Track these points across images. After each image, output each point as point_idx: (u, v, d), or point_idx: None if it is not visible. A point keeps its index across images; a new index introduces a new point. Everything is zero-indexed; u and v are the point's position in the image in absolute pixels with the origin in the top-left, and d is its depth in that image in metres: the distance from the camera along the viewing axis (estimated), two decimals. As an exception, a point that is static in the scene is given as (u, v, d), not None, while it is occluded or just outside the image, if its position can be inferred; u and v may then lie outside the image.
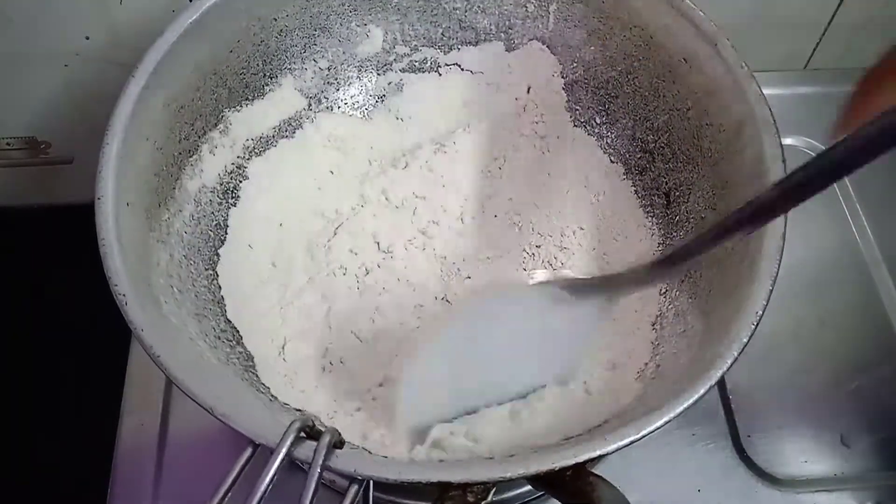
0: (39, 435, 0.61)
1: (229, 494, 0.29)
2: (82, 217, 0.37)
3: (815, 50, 0.64)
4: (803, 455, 0.49)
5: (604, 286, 0.42)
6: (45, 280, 0.65)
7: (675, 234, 0.47)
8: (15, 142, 0.61)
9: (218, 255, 0.45)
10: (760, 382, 0.51)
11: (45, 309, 0.65)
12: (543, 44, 0.52)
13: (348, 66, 0.52)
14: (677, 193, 0.47)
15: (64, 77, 0.56)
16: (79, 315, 0.62)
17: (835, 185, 0.60)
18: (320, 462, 0.29)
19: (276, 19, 0.48)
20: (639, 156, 0.50)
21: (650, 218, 0.49)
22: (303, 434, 0.30)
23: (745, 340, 0.34)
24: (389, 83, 0.53)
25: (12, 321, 0.64)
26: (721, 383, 0.51)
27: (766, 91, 0.42)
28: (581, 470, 0.32)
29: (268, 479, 0.28)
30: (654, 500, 0.46)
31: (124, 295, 0.34)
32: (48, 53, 0.55)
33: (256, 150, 0.49)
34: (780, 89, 0.63)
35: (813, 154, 0.61)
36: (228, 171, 0.47)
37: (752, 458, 0.48)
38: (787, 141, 0.61)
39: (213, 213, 0.46)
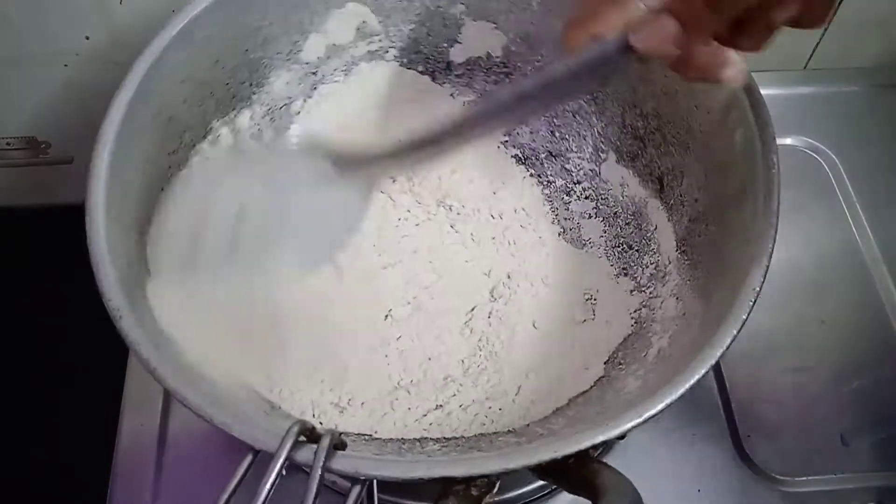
0: (40, 435, 0.61)
1: (231, 502, 0.29)
2: (82, 217, 0.37)
3: (815, 50, 0.64)
4: (803, 455, 0.49)
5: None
6: (44, 280, 0.65)
7: (671, 217, 0.47)
8: (15, 142, 0.61)
9: None
10: (760, 382, 0.51)
11: (45, 308, 0.65)
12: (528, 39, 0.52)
13: (335, 72, 0.52)
14: (670, 177, 0.47)
15: (64, 77, 0.56)
16: (79, 315, 0.62)
17: (834, 184, 0.60)
18: (321, 464, 0.29)
19: (259, 28, 0.47)
20: (630, 142, 0.50)
21: (645, 203, 0.50)
22: (303, 438, 0.30)
23: (743, 318, 0.34)
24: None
25: (12, 321, 0.64)
26: (721, 383, 0.51)
27: (765, 91, 0.41)
28: (584, 457, 0.32)
29: (268, 485, 0.28)
30: (654, 499, 0.46)
31: (118, 310, 0.34)
32: (48, 53, 0.55)
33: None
34: (780, 89, 0.63)
35: (814, 155, 0.61)
36: None
37: (752, 458, 0.48)
38: (788, 141, 0.61)
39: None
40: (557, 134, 0.53)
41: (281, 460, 0.29)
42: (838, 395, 0.51)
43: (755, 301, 0.34)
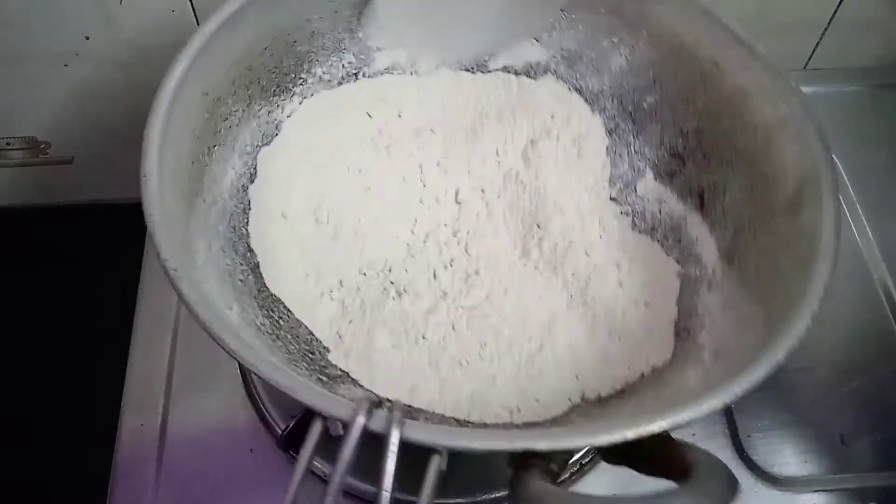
0: (40, 435, 0.61)
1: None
2: (82, 217, 0.37)
3: (814, 50, 0.64)
4: (803, 455, 0.49)
5: None
6: (44, 280, 0.65)
7: (713, 230, 0.46)
8: (15, 142, 0.61)
9: (251, 250, 0.45)
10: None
11: (45, 308, 0.65)
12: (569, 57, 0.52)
13: (376, 73, 0.52)
14: (711, 193, 0.46)
15: (64, 77, 0.56)
16: (79, 315, 0.63)
17: (835, 184, 0.60)
18: (398, 433, 0.28)
19: (309, 20, 0.47)
20: (668, 160, 0.50)
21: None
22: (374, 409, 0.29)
23: (815, 309, 0.34)
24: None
25: (12, 321, 0.64)
26: (721, 383, 0.51)
27: (766, 91, 0.42)
28: (668, 438, 0.31)
29: (348, 452, 0.28)
30: (654, 499, 0.46)
31: (176, 270, 0.33)
32: (48, 53, 0.55)
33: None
34: (780, 89, 0.63)
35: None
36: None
37: (752, 458, 0.48)
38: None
39: (244, 209, 0.46)
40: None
41: (360, 426, 0.28)
42: (838, 395, 0.51)
43: (823, 295, 0.35)
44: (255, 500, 0.46)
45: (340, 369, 0.43)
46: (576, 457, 0.47)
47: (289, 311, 0.44)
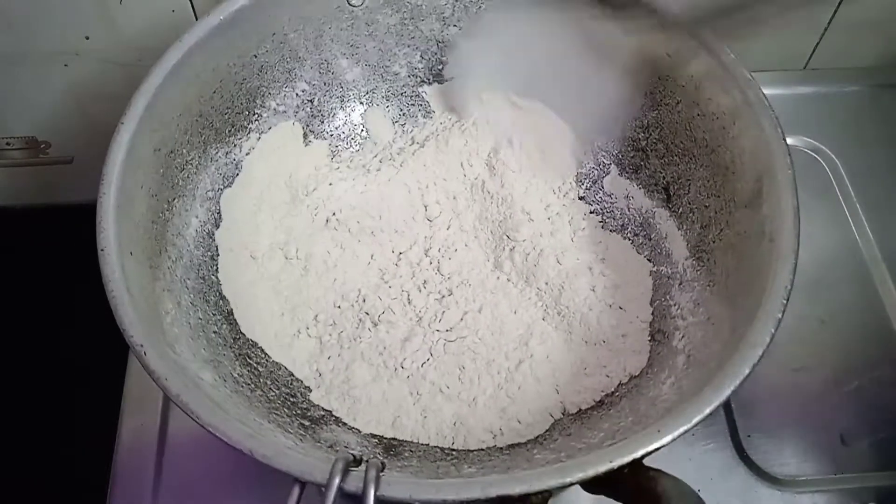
0: (40, 435, 0.61)
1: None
2: (82, 217, 0.37)
3: (815, 50, 0.64)
4: (803, 455, 0.49)
5: None
6: (45, 280, 0.65)
7: (681, 225, 0.47)
8: (15, 142, 0.61)
9: (223, 297, 0.45)
10: (760, 382, 0.51)
11: (45, 309, 0.65)
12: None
13: (331, 97, 0.52)
14: (676, 186, 0.47)
15: (64, 77, 0.56)
16: (79, 315, 0.62)
17: (834, 184, 0.60)
18: (373, 493, 0.29)
19: (255, 56, 0.47)
20: (631, 154, 0.50)
21: (652, 214, 0.49)
22: (350, 468, 0.30)
23: (778, 316, 0.34)
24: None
25: (12, 321, 0.64)
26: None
27: (765, 91, 0.42)
28: (639, 466, 0.31)
29: None
30: (654, 500, 0.46)
31: (142, 346, 0.33)
32: (48, 53, 0.55)
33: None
34: (780, 89, 0.63)
35: (814, 154, 0.61)
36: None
37: (752, 458, 0.48)
38: (787, 141, 0.61)
39: (212, 256, 0.45)
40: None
41: (335, 488, 0.29)
42: (838, 395, 0.51)
43: (788, 299, 0.35)
44: (254, 500, 0.46)
45: (323, 408, 0.43)
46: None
47: (266, 354, 0.44)
